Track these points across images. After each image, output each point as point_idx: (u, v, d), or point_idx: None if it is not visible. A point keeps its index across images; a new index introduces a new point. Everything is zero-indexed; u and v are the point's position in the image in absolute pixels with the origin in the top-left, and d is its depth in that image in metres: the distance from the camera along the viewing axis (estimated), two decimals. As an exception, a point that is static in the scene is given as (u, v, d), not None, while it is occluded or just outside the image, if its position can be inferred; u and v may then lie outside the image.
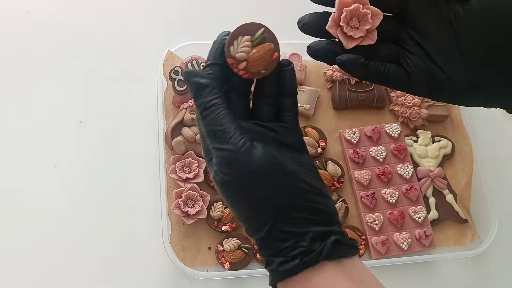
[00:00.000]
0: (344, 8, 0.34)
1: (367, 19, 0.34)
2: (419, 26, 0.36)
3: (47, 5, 0.71)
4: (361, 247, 0.63)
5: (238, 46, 0.34)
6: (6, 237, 0.59)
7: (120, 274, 0.59)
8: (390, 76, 0.38)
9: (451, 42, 0.35)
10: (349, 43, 0.35)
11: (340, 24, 0.34)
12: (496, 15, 0.33)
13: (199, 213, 0.60)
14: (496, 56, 0.34)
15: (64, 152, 0.64)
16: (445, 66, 0.35)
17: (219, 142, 0.32)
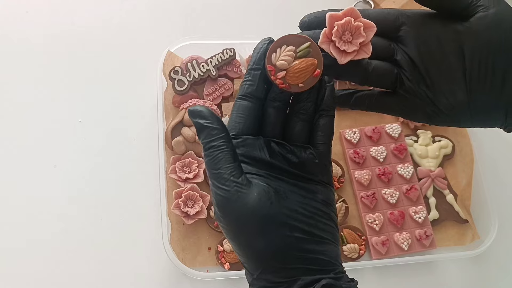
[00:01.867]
0: (335, 22, 0.33)
1: (360, 32, 0.33)
2: (414, 47, 0.34)
3: (47, 5, 0.71)
4: (361, 247, 0.63)
5: (281, 54, 0.33)
6: (6, 237, 0.59)
7: (120, 274, 0.59)
8: (385, 105, 0.37)
9: (451, 64, 0.33)
10: (343, 58, 0.33)
11: (332, 39, 0.33)
12: (498, 31, 0.32)
13: (199, 213, 0.60)
14: (498, 75, 0.32)
15: (64, 152, 0.63)
16: (445, 91, 0.33)
17: (215, 182, 0.31)
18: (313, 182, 0.34)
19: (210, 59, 0.65)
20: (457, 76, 0.33)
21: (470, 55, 0.32)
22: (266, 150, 0.33)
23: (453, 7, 0.33)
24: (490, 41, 0.32)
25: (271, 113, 0.34)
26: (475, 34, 0.32)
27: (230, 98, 0.67)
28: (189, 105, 0.63)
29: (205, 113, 0.32)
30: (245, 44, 0.69)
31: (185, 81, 0.64)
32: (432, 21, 0.34)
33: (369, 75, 0.35)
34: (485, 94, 0.33)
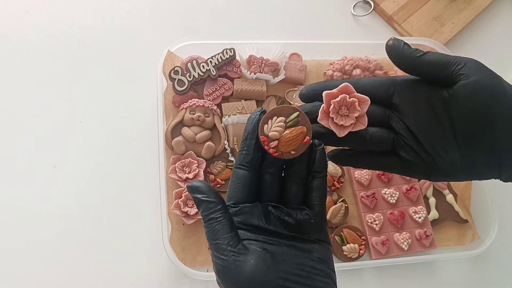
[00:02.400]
0: (332, 100, 0.36)
1: (355, 106, 0.36)
2: (408, 114, 0.38)
3: (47, 5, 0.71)
4: (361, 247, 0.63)
5: (272, 125, 0.35)
6: (6, 237, 0.59)
7: (120, 274, 0.59)
8: (386, 165, 0.39)
9: (442, 128, 0.36)
10: (341, 131, 0.36)
11: (330, 115, 0.36)
12: (480, 97, 0.35)
13: (199, 213, 0.60)
14: (485, 135, 0.35)
15: (64, 152, 0.63)
16: (440, 152, 0.36)
17: (214, 252, 0.33)
18: (309, 242, 0.35)
19: (210, 59, 0.65)
20: (449, 139, 0.36)
21: (458, 120, 0.36)
22: (263, 217, 0.35)
23: (438, 76, 0.37)
24: (474, 107, 0.35)
25: (267, 179, 0.36)
26: (459, 101, 0.35)
27: (230, 98, 0.67)
28: (189, 105, 0.63)
29: (203, 188, 0.35)
30: (245, 44, 0.69)
31: (185, 81, 0.64)
32: (421, 88, 0.38)
33: (368, 142, 0.38)
34: (477, 153, 0.36)
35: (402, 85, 0.39)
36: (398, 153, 0.38)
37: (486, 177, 0.38)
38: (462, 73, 0.36)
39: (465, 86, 0.36)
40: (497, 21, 0.84)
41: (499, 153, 0.35)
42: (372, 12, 0.79)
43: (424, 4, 0.80)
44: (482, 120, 0.35)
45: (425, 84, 0.38)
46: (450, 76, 0.36)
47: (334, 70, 0.71)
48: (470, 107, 0.35)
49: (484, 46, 0.82)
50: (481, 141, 0.35)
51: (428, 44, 0.75)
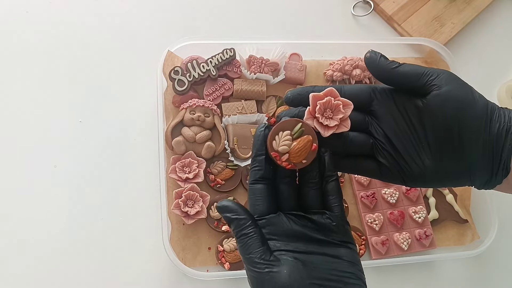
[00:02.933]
0: (318, 101, 0.38)
1: (339, 109, 0.38)
2: (386, 121, 0.40)
3: (47, 5, 0.71)
4: (361, 247, 0.63)
5: (280, 140, 0.37)
6: (6, 237, 0.59)
7: (120, 274, 0.59)
8: (366, 170, 0.41)
9: (417, 135, 0.39)
10: (326, 131, 0.38)
11: (315, 115, 0.38)
12: (450, 107, 0.37)
13: (199, 213, 0.60)
14: (455, 143, 0.37)
15: (64, 152, 0.64)
16: (414, 158, 0.39)
17: (249, 266, 0.35)
18: (335, 245, 0.36)
19: (210, 59, 0.66)
20: (423, 146, 0.38)
21: (430, 128, 0.38)
22: (288, 224, 0.37)
23: (412, 86, 0.39)
24: (445, 116, 0.37)
25: (284, 189, 0.38)
26: (432, 110, 0.38)
27: (230, 98, 0.67)
28: (189, 105, 0.63)
29: (232, 206, 0.36)
30: (245, 44, 0.69)
31: (185, 81, 0.64)
32: (398, 97, 0.40)
33: (348, 146, 0.40)
34: (448, 161, 0.38)
35: (381, 93, 0.41)
36: (376, 159, 0.40)
37: (458, 184, 0.40)
38: (435, 84, 0.38)
39: (437, 96, 0.38)
40: (497, 21, 0.84)
41: (468, 161, 0.37)
42: (372, 12, 0.79)
43: (424, 4, 0.80)
44: (451, 129, 0.37)
45: (402, 93, 0.41)
46: (424, 86, 0.39)
47: (334, 70, 0.71)
48: (441, 117, 0.37)
49: (484, 46, 0.82)
50: (451, 149, 0.37)
51: (428, 44, 0.75)
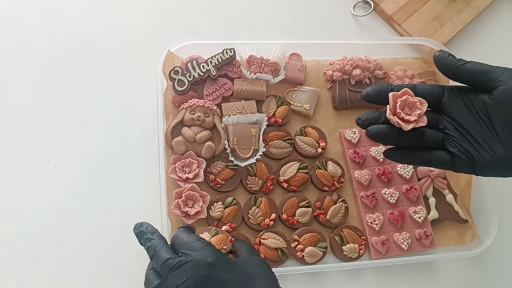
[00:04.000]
0: (398, 99, 0.43)
1: (417, 106, 0.43)
2: (455, 115, 0.45)
3: (47, 5, 0.71)
4: (361, 247, 0.63)
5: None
6: (6, 237, 0.59)
7: (120, 274, 0.59)
8: (438, 161, 0.46)
9: (486, 126, 0.44)
10: (408, 125, 0.43)
11: (396, 112, 0.43)
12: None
13: (199, 213, 0.60)
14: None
15: (64, 152, 0.64)
16: (485, 147, 0.44)
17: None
18: None
19: (210, 59, 0.66)
20: (493, 137, 0.44)
21: (499, 120, 0.43)
22: None
23: (478, 82, 0.45)
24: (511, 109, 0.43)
25: None
26: (499, 103, 0.43)
27: (230, 98, 0.67)
28: (189, 105, 0.63)
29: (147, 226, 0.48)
30: (245, 44, 0.69)
31: (185, 81, 0.64)
32: (465, 94, 0.46)
33: (424, 140, 0.46)
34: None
35: (449, 91, 0.47)
36: (448, 150, 0.46)
37: None
38: (500, 80, 0.44)
39: (504, 91, 0.43)
40: (497, 21, 0.84)
41: None
42: (372, 12, 0.79)
43: (424, 4, 0.80)
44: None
45: (468, 90, 0.46)
46: (489, 82, 0.44)
47: (334, 70, 0.71)
48: (508, 110, 0.43)
49: (484, 46, 0.82)
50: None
51: (428, 44, 0.75)
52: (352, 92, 0.70)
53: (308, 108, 0.69)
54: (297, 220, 0.63)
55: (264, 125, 0.65)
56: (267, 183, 0.64)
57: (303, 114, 0.69)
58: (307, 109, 0.69)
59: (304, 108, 0.69)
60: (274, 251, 0.61)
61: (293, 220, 0.62)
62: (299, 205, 0.64)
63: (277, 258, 0.60)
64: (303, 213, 0.63)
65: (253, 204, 0.63)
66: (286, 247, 0.61)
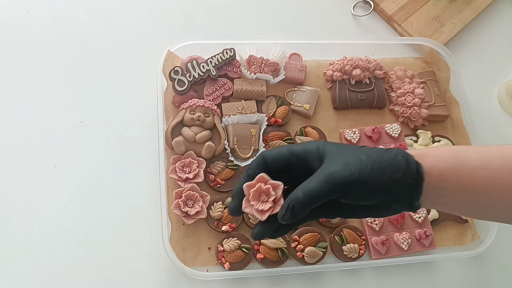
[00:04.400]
0: (251, 189, 0.41)
1: (269, 192, 0.41)
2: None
3: (47, 5, 0.71)
4: (361, 247, 0.63)
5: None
6: (5, 237, 0.59)
7: (120, 274, 0.59)
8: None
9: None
10: (263, 216, 0.41)
11: (250, 204, 0.41)
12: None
13: (199, 213, 0.60)
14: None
15: (64, 152, 0.64)
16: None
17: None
18: None
19: (210, 59, 0.66)
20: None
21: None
22: None
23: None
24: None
25: None
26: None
27: (230, 98, 0.67)
28: (189, 105, 0.63)
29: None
30: (245, 44, 0.69)
31: (185, 81, 0.64)
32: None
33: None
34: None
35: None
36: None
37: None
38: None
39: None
40: (497, 21, 0.84)
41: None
42: (372, 12, 0.79)
43: (424, 4, 0.80)
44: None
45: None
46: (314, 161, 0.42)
47: (334, 70, 0.71)
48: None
49: (484, 46, 0.82)
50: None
51: (428, 44, 0.75)
52: (352, 92, 0.70)
53: (308, 108, 0.69)
54: (297, 220, 0.63)
55: (264, 125, 0.65)
56: (267, 183, 0.64)
57: (303, 114, 0.69)
58: (307, 109, 0.69)
59: (304, 108, 0.69)
60: (274, 251, 0.61)
61: (293, 220, 0.62)
62: (299, 205, 0.63)
63: (277, 258, 0.60)
64: (303, 213, 0.63)
65: (253, 204, 0.63)
66: (286, 247, 0.61)
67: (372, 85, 0.71)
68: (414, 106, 0.71)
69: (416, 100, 0.71)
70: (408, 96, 0.71)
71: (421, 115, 0.71)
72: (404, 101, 0.71)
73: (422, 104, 0.71)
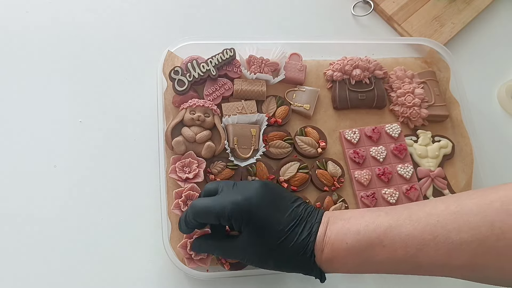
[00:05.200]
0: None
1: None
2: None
3: (47, 5, 0.71)
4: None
5: None
6: (5, 237, 0.59)
7: (120, 274, 0.59)
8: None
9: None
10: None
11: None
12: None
13: (199, 213, 0.60)
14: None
15: (64, 152, 0.64)
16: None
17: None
18: None
19: (210, 59, 0.66)
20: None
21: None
22: None
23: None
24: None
25: None
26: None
27: (230, 98, 0.67)
28: (189, 105, 0.63)
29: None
30: (245, 44, 0.69)
31: (185, 81, 0.64)
32: None
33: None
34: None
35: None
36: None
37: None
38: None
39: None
40: (497, 21, 0.84)
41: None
42: (372, 12, 0.79)
43: (424, 4, 0.80)
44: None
45: None
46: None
47: (334, 70, 0.71)
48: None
49: (484, 46, 0.82)
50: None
51: (428, 44, 0.75)
52: (352, 92, 0.70)
53: (308, 108, 0.69)
54: (297, 220, 0.63)
55: (264, 125, 0.65)
56: (267, 183, 0.64)
57: (303, 114, 0.69)
58: (307, 109, 0.69)
59: (304, 108, 0.69)
60: (274, 251, 0.61)
61: (293, 220, 0.62)
62: (299, 205, 0.63)
63: (277, 258, 0.60)
64: (303, 213, 0.63)
65: (253, 204, 0.63)
66: (286, 247, 0.61)
67: (372, 85, 0.71)
68: (414, 106, 0.71)
69: (416, 100, 0.71)
70: (408, 96, 0.71)
71: (421, 115, 0.71)
72: (404, 101, 0.71)
73: (422, 104, 0.71)
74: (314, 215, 0.50)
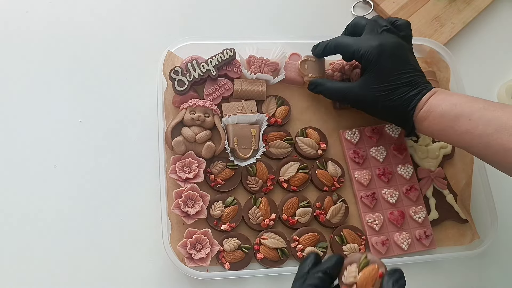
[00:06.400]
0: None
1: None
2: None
3: (47, 5, 0.71)
4: (361, 247, 0.63)
5: (347, 273, 0.40)
6: (5, 237, 0.59)
7: (120, 274, 0.59)
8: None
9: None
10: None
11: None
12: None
13: (199, 213, 0.60)
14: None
15: (64, 152, 0.64)
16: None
17: None
18: None
19: (210, 59, 0.66)
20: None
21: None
22: None
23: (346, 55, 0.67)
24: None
25: None
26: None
27: (230, 98, 0.67)
28: (189, 105, 0.63)
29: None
30: (245, 44, 0.69)
31: (185, 81, 0.64)
32: None
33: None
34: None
35: None
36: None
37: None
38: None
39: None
40: (497, 21, 0.84)
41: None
42: (372, 12, 0.79)
43: (424, 4, 0.80)
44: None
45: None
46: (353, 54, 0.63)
47: (334, 70, 0.71)
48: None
49: (484, 46, 0.82)
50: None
51: (428, 44, 0.75)
52: (352, 92, 0.70)
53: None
54: (297, 220, 0.63)
55: (264, 125, 0.65)
56: (267, 183, 0.64)
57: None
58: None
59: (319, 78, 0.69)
60: (274, 251, 0.61)
61: (293, 220, 0.62)
62: (299, 205, 0.64)
63: (277, 258, 0.61)
64: (303, 213, 0.63)
65: (253, 204, 0.63)
66: (286, 247, 0.61)
67: (372, 85, 0.71)
68: (414, 106, 0.71)
69: (416, 100, 0.71)
70: (408, 96, 0.71)
71: (421, 115, 0.71)
72: (404, 101, 0.71)
73: (422, 104, 0.71)
74: (427, 85, 0.61)
